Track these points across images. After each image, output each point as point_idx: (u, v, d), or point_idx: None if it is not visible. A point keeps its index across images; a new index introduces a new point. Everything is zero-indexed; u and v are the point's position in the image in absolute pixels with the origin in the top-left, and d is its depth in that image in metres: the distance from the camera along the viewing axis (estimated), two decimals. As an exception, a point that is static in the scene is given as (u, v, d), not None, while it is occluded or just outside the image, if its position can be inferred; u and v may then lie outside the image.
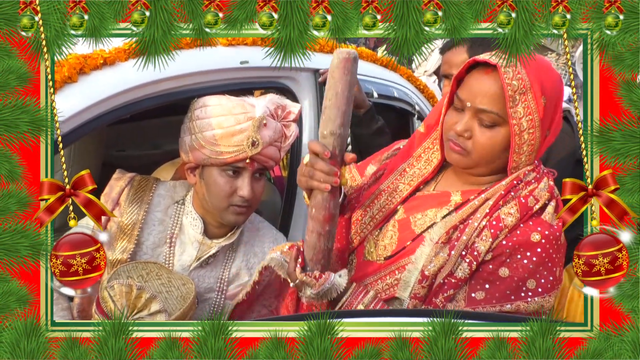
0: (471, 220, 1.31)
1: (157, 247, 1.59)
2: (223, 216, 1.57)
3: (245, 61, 1.77)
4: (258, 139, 1.51)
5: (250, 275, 1.67)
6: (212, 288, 1.63)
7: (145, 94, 1.52)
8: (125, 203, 1.57)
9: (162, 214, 1.62)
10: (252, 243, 1.71)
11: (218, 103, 1.54)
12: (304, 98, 2.02)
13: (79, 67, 1.37)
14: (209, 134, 1.51)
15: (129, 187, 1.60)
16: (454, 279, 1.28)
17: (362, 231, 1.47)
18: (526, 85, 1.27)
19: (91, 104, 1.38)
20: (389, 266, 1.38)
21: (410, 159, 1.48)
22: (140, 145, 2.72)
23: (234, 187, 1.55)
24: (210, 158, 1.53)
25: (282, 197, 2.10)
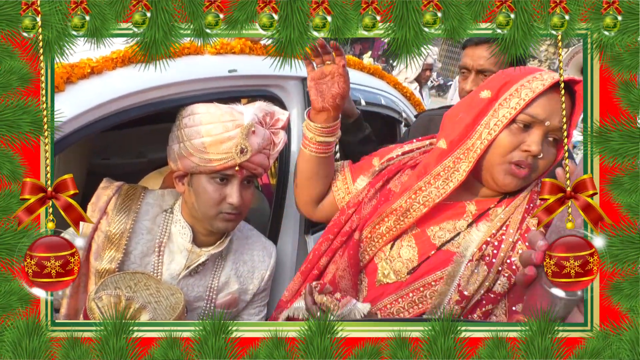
0: (505, 235, 1.29)
1: (145, 256, 1.58)
2: (212, 224, 1.57)
3: (234, 70, 1.77)
4: (247, 147, 1.51)
5: (239, 283, 1.67)
6: (201, 297, 1.63)
7: (133, 102, 1.51)
8: (112, 212, 1.56)
9: (151, 222, 1.61)
10: (242, 251, 1.70)
11: (206, 111, 1.53)
12: (293, 106, 2.01)
13: (66, 76, 1.36)
14: (198, 141, 1.50)
15: (116, 196, 1.59)
16: (493, 294, 1.27)
17: (370, 249, 1.42)
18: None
19: (78, 113, 1.37)
20: (412, 283, 1.34)
21: (428, 177, 1.39)
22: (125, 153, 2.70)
23: (223, 194, 1.54)
24: (198, 166, 1.52)
25: (270, 205, 2.10)
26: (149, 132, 2.44)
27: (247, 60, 1.84)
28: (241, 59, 1.83)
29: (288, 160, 2.00)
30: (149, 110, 1.56)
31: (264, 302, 1.77)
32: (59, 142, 1.31)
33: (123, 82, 1.48)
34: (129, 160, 2.70)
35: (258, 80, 1.90)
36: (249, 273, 1.70)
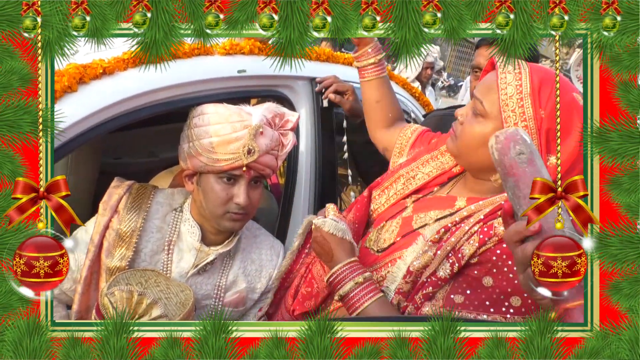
0: (464, 224, 1.31)
1: (155, 254, 1.60)
2: (220, 223, 1.58)
3: (243, 70, 1.79)
4: (254, 147, 1.52)
5: (247, 282, 1.69)
6: (209, 295, 1.64)
7: (144, 102, 1.53)
8: (123, 211, 1.58)
9: (160, 221, 1.62)
10: (249, 250, 1.72)
11: (215, 111, 1.55)
12: (301, 106, 2.03)
13: (79, 76, 1.39)
14: (206, 141, 1.52)
15: (127, 195, 1.61)
16: (436, 278, 1.28)
17: (375, 210, 1.53)
18: (525, 91, 1.27)
19: (90, 112, 1.39)
20: (383, 259, 1.40)
21: (436, 152, 1.52)
22: (136, 152, 2.73)
23: (230, 194, 1.56)
24: (207, 165, 1.53)
25: (279, 204, 2.11)
26: (160, 132, 2.47)
27: (257, 61, 1.86)
28: (250, 59, 1.85)
29: (297, 160, 2.02)
30: (159, 110, 1.58)
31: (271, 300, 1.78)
32: (71, 142, 1.33)
33: (134, 83, 1.50)
34: (141, 159, 2.72)
35: (267, 80, 1.92)
36: (256, 272, 1.71)
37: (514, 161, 1.05)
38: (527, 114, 1.28)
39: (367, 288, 1.32)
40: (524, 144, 1.05)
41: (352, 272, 1.35)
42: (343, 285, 1.34)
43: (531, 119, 1.27)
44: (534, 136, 1.28)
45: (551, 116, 1.28)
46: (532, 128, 1.27)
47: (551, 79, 1.28)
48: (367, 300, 1.31)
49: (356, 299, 1.32)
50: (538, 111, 1.27)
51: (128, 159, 2.72)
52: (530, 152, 1.05)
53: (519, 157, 1.05)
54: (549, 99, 1.28)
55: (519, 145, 1.05)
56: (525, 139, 1.06)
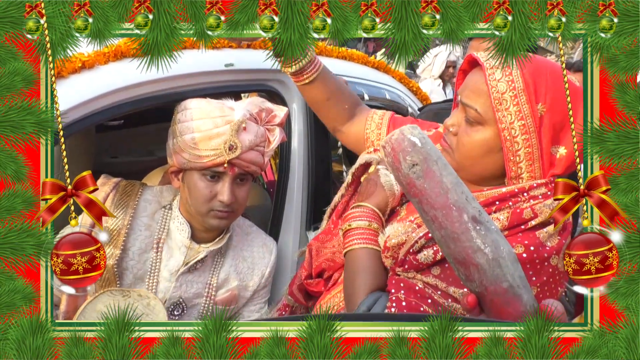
0: None
1: (143, 252, 1.58)
2: (205, 220, 1.56)
3: (230, 64, 1.74)
4: (236, 143, 1.49)
5: (239, 280, 1.67)
6: (200, 294, 1.62)
7: (126, 97, 1.49)
8: (110, 208, 1.55)
9: (149, 219, 1.60)
10: (241, 248, 1.70)
11: (197, 106, 1.52)
12: (293, 101, 1.98)
13: (57, 70, 1.32)
14: (189, 137, 1.50)
15: (114, 192, 1.59)
16: (416, 262, 1.26)
17: None
18: (517, 87, 1.24)
19: (69, 107, 1.35)
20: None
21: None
22: (133, 151, 2.70)
23: (214, 191, 1.53)
24: (190, 162, 1.51)
25: (272, 201, 2.08)
26: (157, 130, 2.42)
27: (245, 54, 1.81)
28: (239, 52, 1.80)
29: (289, 157, 1.98)
30: (142, 105, 1.54)
31: (264, 298, 1.77)
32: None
33: (115, 77, 1.46)
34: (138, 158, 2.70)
35: (256, 74, 1.86)
36: (248, 270, 1.70)
37: (409, 178, 0.93)
38: (523, 111, 1.25)
39: (371, 236, 1.33)
40: (414, 151, 0.92)
41: (371, 217, 1.35)
42: (357, 220, 1.35)
43: (528, 116, 1.24)
44: (532, 134, 1.26)
45: (553, 108, 1.25)
46: (530, 126, 1.25)
47: (542, 69, 1.26)
48: (365, 243, 1.31)
49: (357, 237, 1.32)
50: (535, 107, 1.25)
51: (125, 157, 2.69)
52: (424, 158, 0.92)
53: (413, 172, 0.92)
54: (548, 90, 1.25)
55: (409, 155, 0.93)
56: (415, 142, 0.93)
